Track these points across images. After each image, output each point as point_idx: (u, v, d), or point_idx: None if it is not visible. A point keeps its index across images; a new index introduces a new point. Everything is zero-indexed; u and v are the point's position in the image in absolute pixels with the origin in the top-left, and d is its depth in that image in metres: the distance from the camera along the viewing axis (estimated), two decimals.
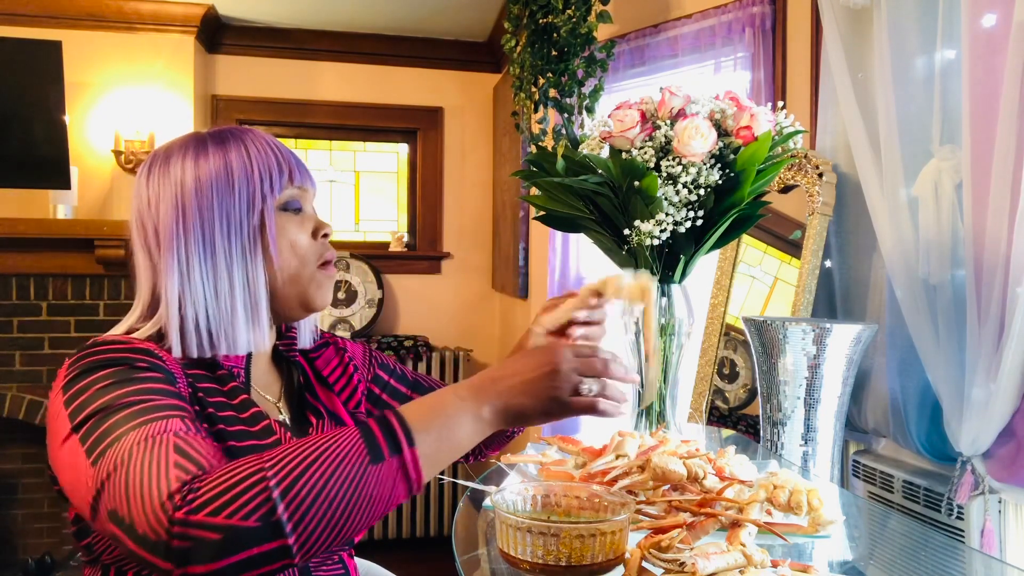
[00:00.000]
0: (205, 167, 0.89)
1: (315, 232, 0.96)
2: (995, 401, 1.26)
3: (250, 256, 0.89)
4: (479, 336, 4.09)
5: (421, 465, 0.70)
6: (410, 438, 0.70)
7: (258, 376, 0.99)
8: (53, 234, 3.19)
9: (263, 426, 0.89)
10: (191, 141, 0.93)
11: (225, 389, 0.89)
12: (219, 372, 0.90)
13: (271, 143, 0.94)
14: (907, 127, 1.49)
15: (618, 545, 0.71)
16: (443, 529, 3.71)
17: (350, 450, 0.68)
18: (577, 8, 2.23)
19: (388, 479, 0.68)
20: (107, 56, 3.44)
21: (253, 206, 0.89)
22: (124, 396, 0.75)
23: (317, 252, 0.95)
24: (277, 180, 0.91)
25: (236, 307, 0.88)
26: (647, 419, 1.31)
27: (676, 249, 1.25)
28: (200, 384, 0.87)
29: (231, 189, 0.89)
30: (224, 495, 0.63)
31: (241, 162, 0.90)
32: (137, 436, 0.70)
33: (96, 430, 0.72)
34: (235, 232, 0.89)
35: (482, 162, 4.11)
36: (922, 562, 0.91)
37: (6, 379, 3.22)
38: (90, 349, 0.81)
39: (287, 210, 0.93)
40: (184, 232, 0.87)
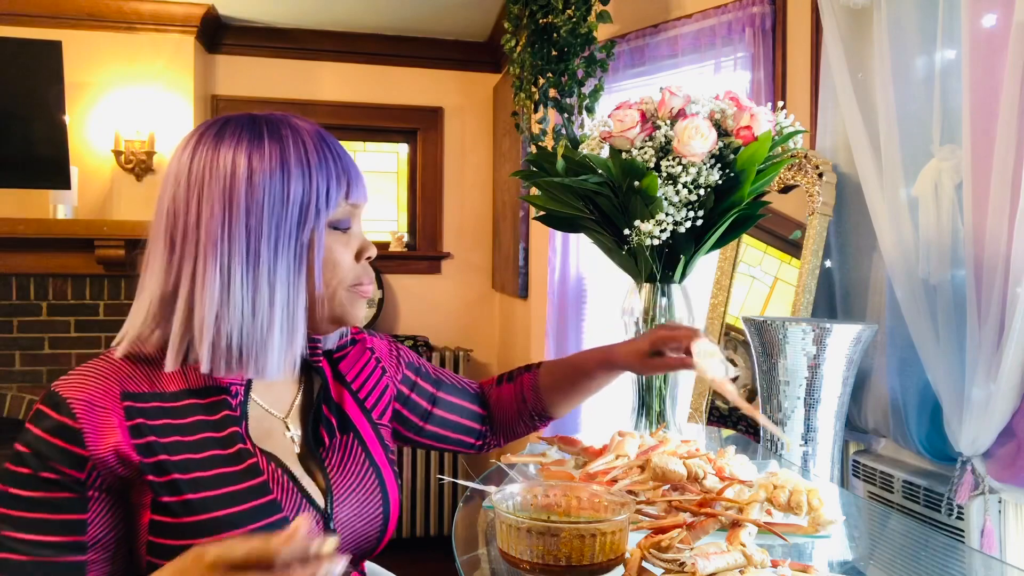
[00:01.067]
0: (260, 163, 0.80)
1: (359, 253, 0.89)
2: (995, 401, 1.26)
3: (294, 274, 0.82)
4: (479, 336, 4.09)
5: None
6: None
7: (270, 387, 0.91)
8: (53, 234, 3.19)
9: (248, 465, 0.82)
10: (244, 128, 0.83)
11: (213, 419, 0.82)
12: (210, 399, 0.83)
13: (333, 148, 0.86)
14: (907, 127, 1.49)
15: (618, 545, 0.71)
16: (443, 529, 3.71)
17: None
18: (577, 8, 2.24)
19: None
20: (107, 56, 3.44)
21: (305, 221, 0.81)
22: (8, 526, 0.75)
23: (356, 275, 0.88)
24: (334, 195, 0.83)
25: (273, 328, 0.80)
26: (647, 419, 1.31)
27: (676, 249, 1.25)
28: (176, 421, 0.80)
29: (285, 197, 0.80)
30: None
31: (300, 167, 0.82)
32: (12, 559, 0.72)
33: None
34: (283, 245, 0.80)
35: (482, 162, 4.11)
36: (922, 562, 0.91)
37: (6, 379, 3.22)
38: (35, 413, 0.78)
39: (337, 228, 0.86)
40: (228, 235, 0.79)
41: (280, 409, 0.92)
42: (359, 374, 1.02)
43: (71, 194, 3.28)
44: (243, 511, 0.80)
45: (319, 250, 0.82)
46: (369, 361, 1.04)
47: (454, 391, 1.15)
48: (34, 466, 0.77)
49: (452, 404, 1.14)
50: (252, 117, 0.85)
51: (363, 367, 1.03)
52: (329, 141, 0.87)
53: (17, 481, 0.77)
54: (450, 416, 1.12)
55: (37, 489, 0.76)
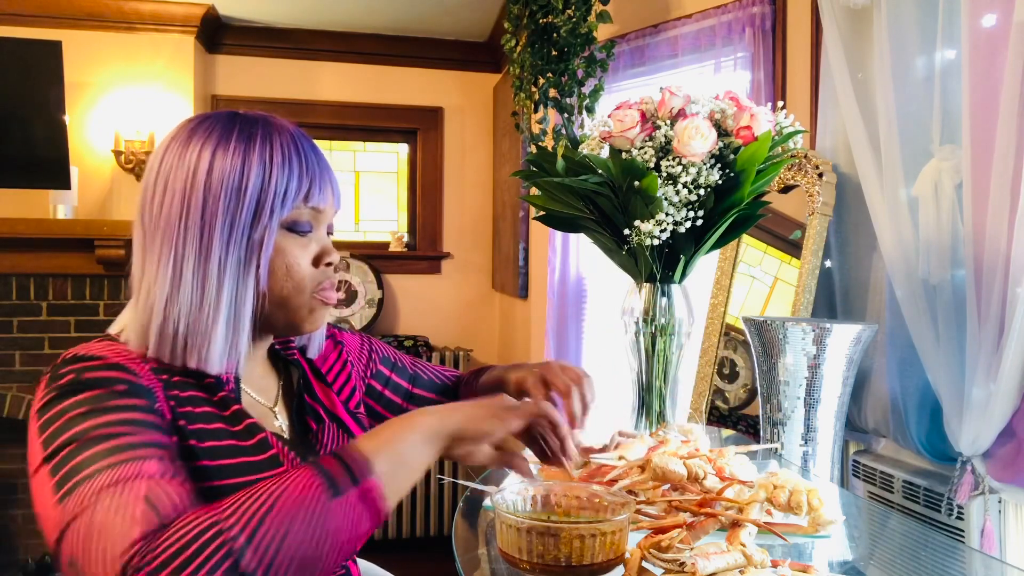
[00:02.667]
0: (222, 161, 0.82)
1: (318, 259, 0.88)
2: (995, 401, 1.26)
3: (243, 271, 0.82)
4: (479, 336, 4.09)
5: (383, 492, 0.69)
6: (368, 466, 0.69)
7: (252, 379, 0.93)
8: (53, 234, 3.19)
9: (258, 440, 0.84)
10: (218, 124, 0.85)
11: (214, 399, 0.83)
12: (207, 380, 0.84)
13: (302, 148, 0.86)
14: (907, 127, 1.49)
15: (618, 545, 0.71)
16: (443, 529, 3.71)
17: (308, 489, 0.66)
18: (577, 8, 2.24)
19: (350, 511, 0.67)
20: (107, 56, 3.44)
21: (259, 219, 0.82)
22: (98, 427, 0.70)
23: (315, 280, 0.87)
24: (292, 196, 0.84)
25: (218, 322, 0.81)
26: (647, 419, 1.31)
27: (676, 249, 1.25)
28: (184, 393, 0.81)
29: (242, 194, 0.81)
30: (182, 553, 0.60)
31: (261, 165, 0.82)
32: (107, 478, 0.66)
33: (66, 464, 0.68)
34: (235, 241, 0.81)
35: (482, 162, 4.11)
36: (922, 562, 0.91)
37: (6, 379, 3.22)
38: (65, 367, 0.76)
39: (294, 231, 0.85)
40: (184, 225, 0.81)
41: (267, 399, 0.95)
42: (331, 367, 1.05)
43: (71, 194, 3.28)
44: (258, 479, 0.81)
45: (266, 248, 0.83)
46: (341, 355, 1.07)
47: (431, 387, 1.18)
48: (102, 384, 0.74)
49: (427, 400, 1.16)
50: (231, 114, 0.87)
51: (335, 361, 1.06)
52: (301, 142, 0.87)
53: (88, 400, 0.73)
54: None
55: (116, 399, 0.73)
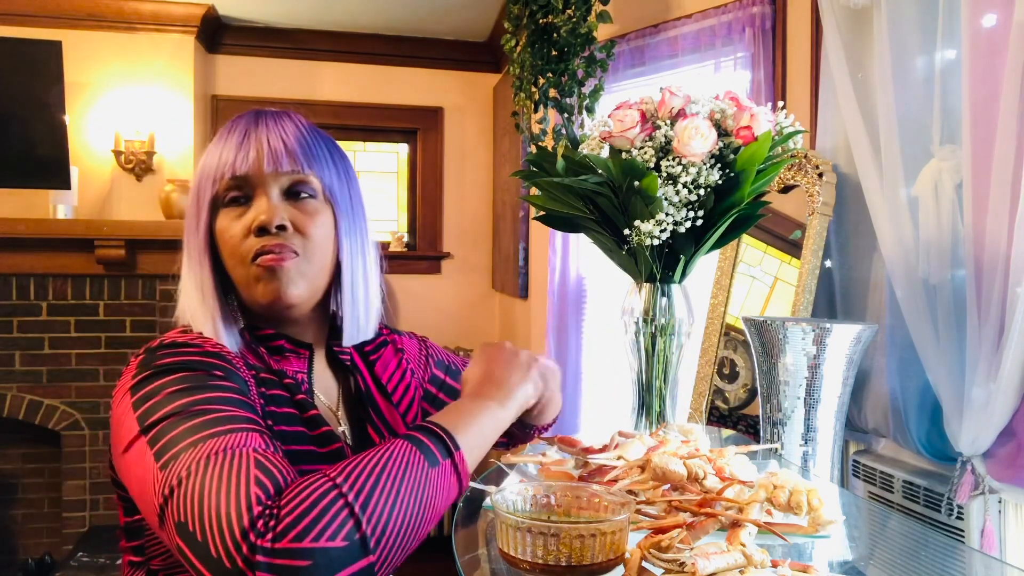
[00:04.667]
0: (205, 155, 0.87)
1: (249, 227, 0.84)
2: (995, 401, 1.26)
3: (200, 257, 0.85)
4: (479, 336, 4.09)
5: (467, 463, 0.74)
6: (455, 441, 0.73)
7: (319, 381, 0.94)
8: (53, 234, 3.19)
9: (333, 449, 0.85)
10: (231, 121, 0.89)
11: (295, 400, 0.85)
12: (286, 380, 0.86)
13: (235, 127, 0.86)
14: (907, 127, 1.49)
15: (618, 545, 0.71)
16: (443, 529, 3.71)
17: (410, 458, 0.69)
18: (577, 8, 2.24)
19: (445, 481, 0.71)
20: (107, 56, 3.45)
21: (199, 203, 0.85)
22: (200, 403, 0.69)
23: (249, 249, 0.84)
24: (212, 176, 0.84)
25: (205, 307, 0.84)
26: (647, 419, 1.31)
27: (676, 249, 1.25)
28: (270, 391, 0.83)
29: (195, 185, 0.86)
30: (306, 516, 0.59)
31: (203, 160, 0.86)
32: (215, 445, 0.65)
33: (168, 433, 0.67)
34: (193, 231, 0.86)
35: (482, 162, 4.11)
36: (922, 562, 0.91)
37: (6, 379, 3.22)
38: (162, 350, 0.76)
39: (227, 205, 0.85)
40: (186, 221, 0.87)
41: (331, 401, 0.96)
42: (392, 376, 1.05)
43: (71, 194, 3.28)
44: None
45: (205, 231, 0.85)
46: (401, 364, 1.07)
47: None
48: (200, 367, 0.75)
49: None
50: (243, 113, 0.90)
51: (395, 369, 1.06)
52: (244, 116, 0.87)
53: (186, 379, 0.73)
54: None
55: (215, 380, 0.74)
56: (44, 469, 3.40)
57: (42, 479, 3.40)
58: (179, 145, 3.54)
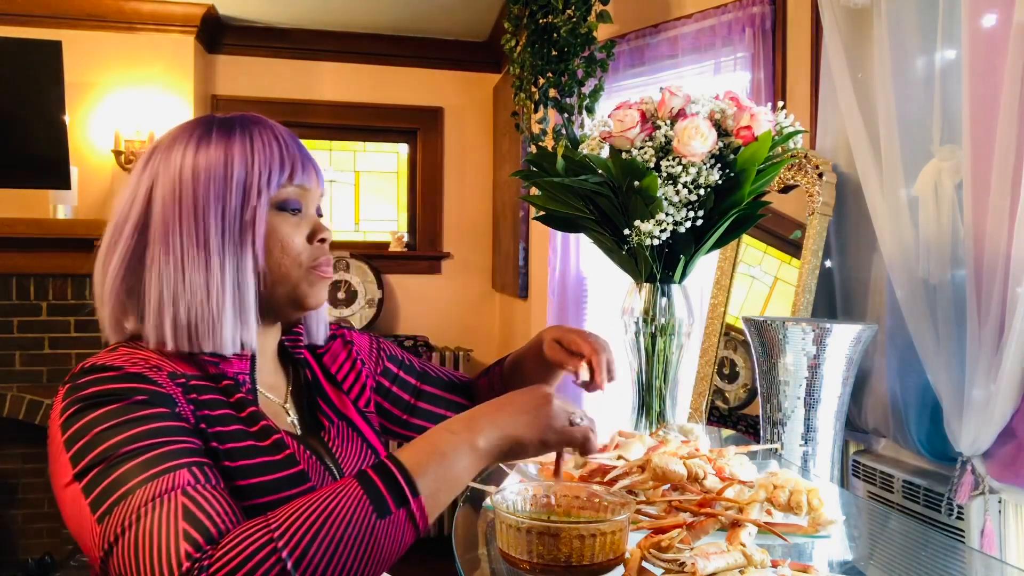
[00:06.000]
0: (205, 157, 0.86)
1: (311, 235, 0.92)
2: (995, 401, 1.26)
3: (240, 253, 0.86)
4: (479, 336, 4.09)
5: (427, 511, 0.71)
6: (413, 487, 0.70)
7: (263, 377, 0.96)
8: (53, 234, 3.19)
9: (274, 440, 0.86)
10: (197, 128, 0.89)
11: (231, 401, 0.86)
12: (224, 383, 0.86)
13: (280, 135, 0.91)
14: (907, 127, 1.49)
15: (618, 545, 0.71)
16: (443, 529, 3.71)
17: (356, 509, 0.67)
18: (577, 8, 2.24)
19: (397, 531, 0.69)
20: (107, 56, 3.45)
21: (247, 201, 0.86)
22: (127, 442, 0.71)
23: (311, 255, 0.92)
24: (276, 176, 0.88)
25: (225, 304, 0.85)
26: (647, 419, 1.31)
27: (676, 249, 1.25)
28: (203, 397, 0.83)
29: (228, 182, 0.86)
30: (239, 570, 0.61)
31: (243, 154, 0.87)
32: (145, 494, 0.67)
33: (100, 483, 0.69)
34: (228, 226, 0.85)
35: (482, 162, 4.11)
36: (922, 562, 0.91)
37: (6, 379, 3.22)
38: (84, 379, 0.77)
39: (284, 210, 0.90)
40: (179, 221, 0.85)
41: (277, 395, 0.98)
42: (341, 367, 1.08)
43: (71, 194, 3.28)
44: (276, 479, 0.83)
45: (259, 227, 0.87)
46: (350, 355, 1.10)
47: (439, 384, 1.21)
48: (122, 395, 0.75)
49: (437, 397, 1.19)
50: (208, 118, 0.91)
51: (344, 360, 1.09)
52: (278, 130, 0.92)
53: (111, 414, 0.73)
54: (435, 409, 1.18)
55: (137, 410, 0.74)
56: (44, 469, 3.40)
57: (42, 479, 3.39)
58: None
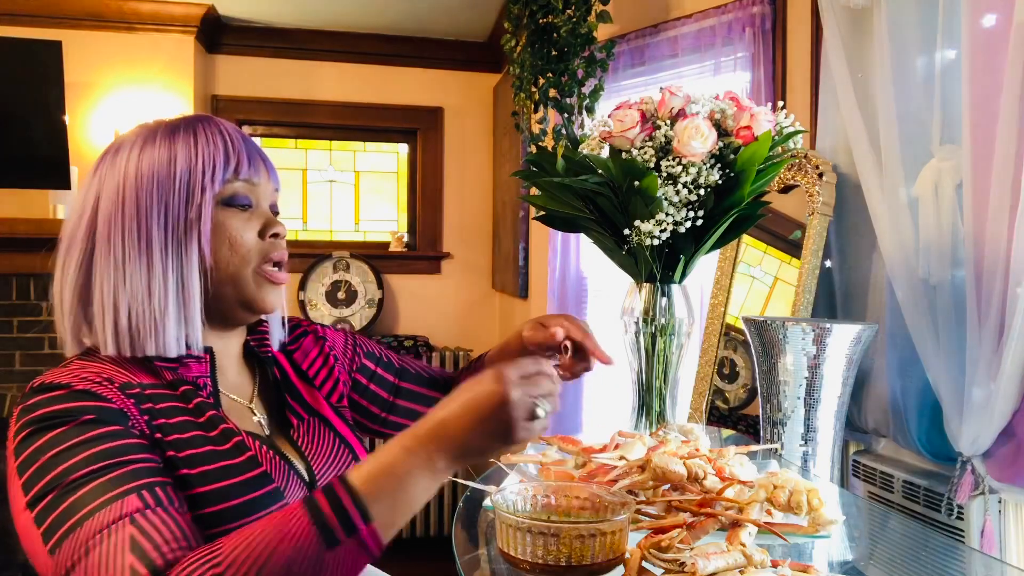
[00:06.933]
0: (149, 158, 0.85)
1: (263, 230, 0.90)
2: (995, 401, 1.26)
3: (184, 252, 0.84)
4: (479, 336, 4.09)
5: (380, 536, 0.67)
6: (365, 514, 0.66)
7: (227, 379, 0.94)
8: (53, 234, 3.14)
9: (234, 443, 0.84)
10: (141, 133, 0.89)
11: (190, 407, 0.84)
12: (183, 388, 0.85)
13: (226, 132, 0.89)
14: (907, 127, 1.49)
15: (618, 545, 0.71)
16: (443, 529, 3.71)
17: (301, 540, 0.64)
18: (577, 8, 2.24)
19: (347, 560, 0.65)
20: (107, 56, 3.45)
21: (191, 199, 0.84)
22: (75, 468, 0.70)
23: (262, 250, 0.90)
24: (220, 172, 0.86)
25: (168, 305, 0.83)
26: (647, 419, 1.31)
27: (676, 249, 1.25)
28: (159, 405, 0.81)
29: (171, 180, 0.84)
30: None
31: (186, 152, 0.85)
32: (92, 525, 0.67)
33: (50, 513, 0.68)
34: (172, 226, 0.84)
35: (482, 162, 4.11)
36: (922, 562, 0.91)
37: (6, 379, 3.22)
38: (32, 399, 0.76)
39: (232, 205, 0.88)
40: (122, 224, 0.83)
41: (243, 396, 0.96)
42: (312, 363, 1.07)
43: (71, 194, 3.28)
44: (238, 483, 0.82)
45: (204, 224, 0.85)
46: (323, 350, 1.09)
47: (419, 380, 1.19)
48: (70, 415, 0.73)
49: (416, 394, 1.18)
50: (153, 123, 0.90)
51: (316, 356, 1.08)
52: (228, 128, 0.90)
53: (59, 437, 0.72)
54: (414, 406, 1.17)
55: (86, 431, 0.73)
56: None
57: None
58: None
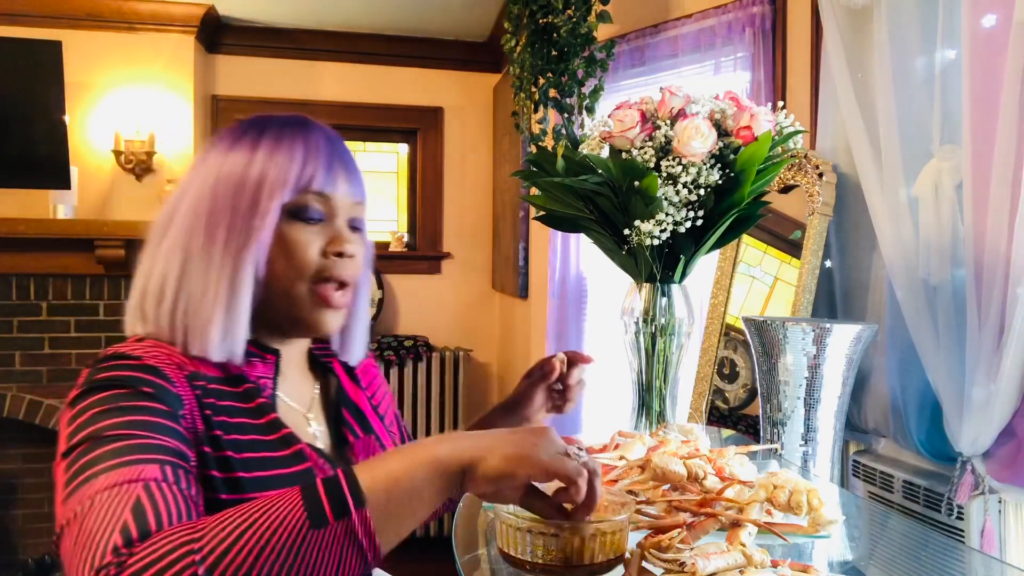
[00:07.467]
0: (232, 157, 0.84)
1: (326, 247, 0.85)
2: (995, 401, 1.26)
3: (240, 259, 0.82)
4: (479, 336, 4.09)
5: (374, 527, 0.61)
6: (358, 497, 0.61)
7: (287, 384, 0.92)
8: (53, 234, 3.19)
9: (294, 451, 0.82)
10: (235, 130, 0.87)
11: (251, 406, 0.82)
12: (245, 386, 0.83)
13: (312, 139, 0.86)
14: (907, 127, 1.49)
15: (618, 545, 0.71)
16: (443, 529, 3.71)
17: (287, 516, 0.59)
18: (577, 8, 2.23)
19: (334, 545, 0.60)
20: (107, 56, 3.45)
21: (258, 206, 0.82)
22: (114, 427, 0.69)
23: (319, 268, 0.85)
24: (292, 182, 0.83)
25: (217, 308, 0.81)
26: (647, 419, 1.31)
27: (676, 249, 1.25)
28: (221, 402, 0.80)
29: (244, 184, 0.83)
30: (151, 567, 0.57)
31: (264, 158, 0.83)
32: (107, 480, 0.65)
33: (77, 463, 0.67)
34: (237, 229, 0.82)
35: (482, 162, 4.11)
36: (922, 562, 0.91)
37: (6, 379, 3.22)
38: (104, 363, 0.76)
39: (299, 218, 0.84)
40: (197, 219, 0.83)
41: (301, 404, 0.93)
42: (371, 382, 1.07)
43: (71, 194, 3.28)
44: None
45: (265, 233, 0.82)
46: (378, 374, 1.10)
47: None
48: (130, 383, 0.74)
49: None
50: (252, 120, 0.89)
51: (374, 376, 1.08)
52: (311, 134, 0.87)
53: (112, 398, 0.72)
54: None
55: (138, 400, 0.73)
56: (44, 469, 3.40)
57: (42, 479, 3.39)
58: (179, 145, 3.54)
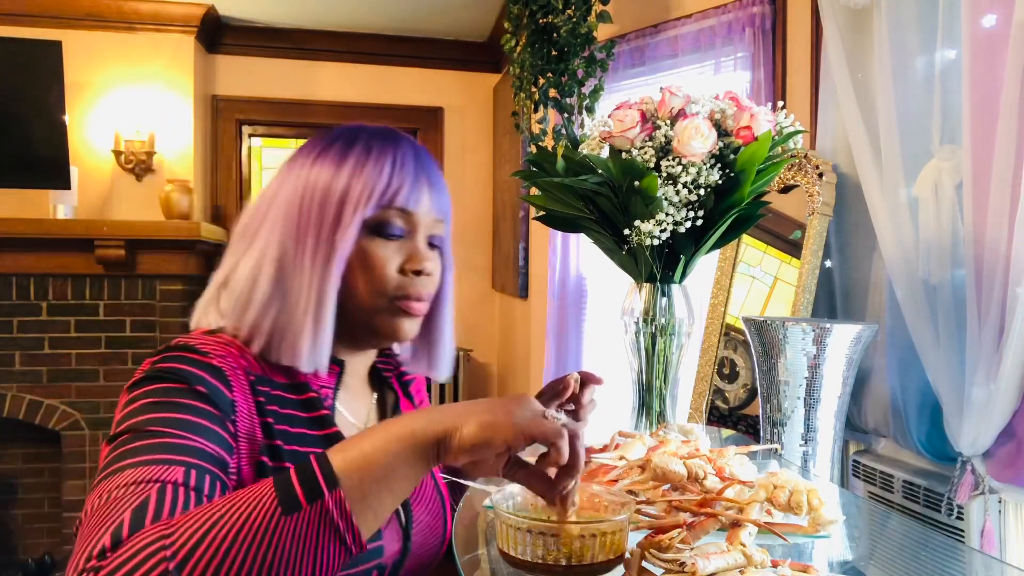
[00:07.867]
0: (319, 168, 0.84)
1: (404, 264, 0.86)
2: (995, 401, 1.26)
3: (326, 270, 0.83)
4: (479, 336, 4.09)
5: (350, 508, 0.59)
6: (331, 478, 0.59)
7: (348, 396, 0.93)
8: (53, 234, 3.19)
9: None
10: (324, 139, 0.88)
11: (312, 416, 0.83)
12: (308, 395, 0.84)
13: (398, 154, 0.86)
14: (907, 127, 1.49)
15: (618, 545, 0.71)
16: None
17: (258, 505, 0.58)
18: (577, 8, 2.24)
19: (308, 530, 0.58)
20: (107, 56, 3.45)
21: (341, 220, 0.83)
22: (156, 423, 0.70)
23: (397, 285, 0.86)
24: (375, 198, 0.83)
25: (307, 320, 0.82)
26: (647, 419, 1.31)
27: (676, 249, 1.25)
28: (284, 411, 0.80)
29: (329, 196, 0.83)
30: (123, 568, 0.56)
31: (349, 172, 0.84)
32: (129, 477, 0.65)
33: (115, 451, 0.68)
34: (323, 241, 0.82)
35: (482, 162, 4.11)
36: (922, 562, 0.91)
37: (6, 379, 3.22)
38: (171, 352, 0.77)
39: (379, 234, 0.85)
40: (286, 226, 0.83)
41: (358, 418, 0.94)
42: (422, 400, 1.07)
43: (71, 194, 3.28)
44: None
45: (345, 247, 0.83)
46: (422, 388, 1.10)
47: None
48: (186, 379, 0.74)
49: None
50: (343, 130, 0.89)
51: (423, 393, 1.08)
52: (399, 148, 0.87)
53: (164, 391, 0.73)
54: None
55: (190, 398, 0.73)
56: (44, 469, 3.40)
57: (42, 479, 3.40)
58: (179, 145, 3.55)
